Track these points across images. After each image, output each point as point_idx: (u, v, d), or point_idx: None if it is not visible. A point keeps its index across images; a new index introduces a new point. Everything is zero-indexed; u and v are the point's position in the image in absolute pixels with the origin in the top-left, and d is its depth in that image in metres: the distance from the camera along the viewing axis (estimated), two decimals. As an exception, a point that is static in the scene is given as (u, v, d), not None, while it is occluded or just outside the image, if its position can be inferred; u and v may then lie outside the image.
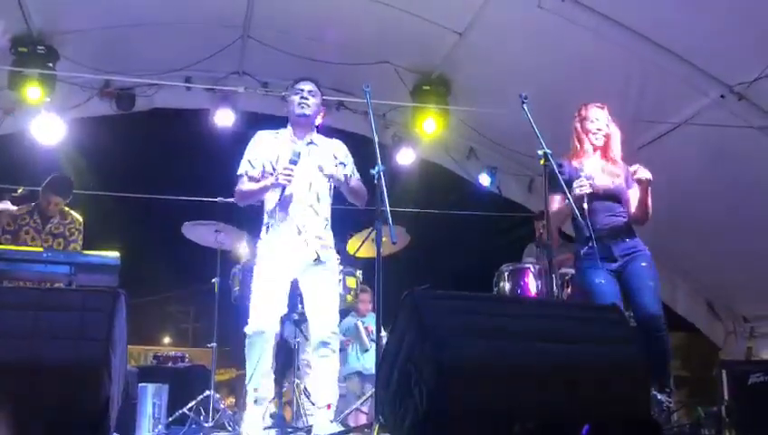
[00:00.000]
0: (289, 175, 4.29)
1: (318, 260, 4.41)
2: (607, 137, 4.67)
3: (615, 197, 4.57)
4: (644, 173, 4.38)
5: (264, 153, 4.54)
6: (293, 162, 4.32)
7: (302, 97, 4.54)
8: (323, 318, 4.40)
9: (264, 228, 4.52)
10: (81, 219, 5.94)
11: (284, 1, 6.77)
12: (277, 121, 4.82)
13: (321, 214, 4.49)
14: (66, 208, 5.91)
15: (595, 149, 4.67)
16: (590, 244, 4.31)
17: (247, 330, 4.35)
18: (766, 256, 7.15)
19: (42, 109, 7.07)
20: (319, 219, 4.48)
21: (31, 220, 5.72)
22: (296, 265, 4.40)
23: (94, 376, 2.64)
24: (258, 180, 4.50)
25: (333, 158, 4.58)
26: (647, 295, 4.38)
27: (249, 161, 4.54)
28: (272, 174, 4.42)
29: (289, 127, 4.65)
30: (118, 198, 8.72)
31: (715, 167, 6.81)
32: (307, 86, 4.58)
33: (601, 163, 4.66)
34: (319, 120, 4.67)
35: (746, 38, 5.72)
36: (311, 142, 4.58)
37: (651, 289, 4.42)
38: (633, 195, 4.62)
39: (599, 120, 4.68)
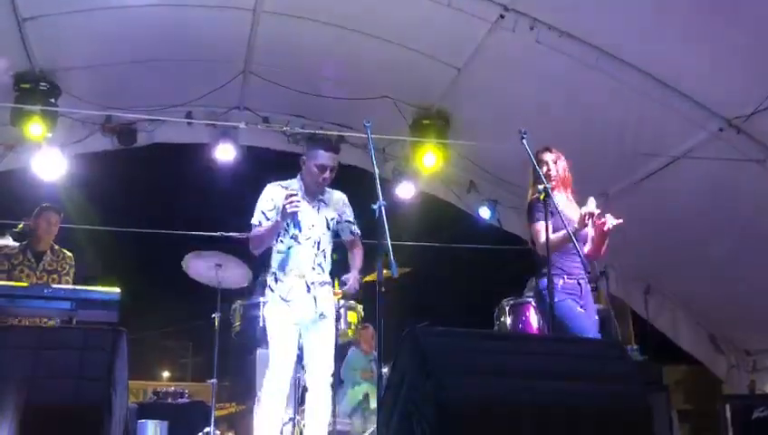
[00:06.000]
0: (293, 202, 4.30)
1: (323, 315, 4.55)
2: (557, 178, 4.66)
3: (584, 238, 4.58)
4: (612, 222, 4.41)
5: (278, 202, 4.50)
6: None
7: (323, 177, 4.55)
8: (325, 368, 4.52)
9: (271, 277, 4.59)
10: (71, 255, 5.99)
11: (285, 36, 6.82)
12: (277, 156, 4.82)
13: (325, 270, 4.63)
14: (57, 246, 5.94)
15: (553, 189, 4.65)
16: (565, 277, 4.40)
17: (266, 386, 4.36)
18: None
19: (43, 144, 7.10)
20: (324, 276, 4.62)
21: (24, 259, 5.75)
22: (305, 320, 4.52)
23: (94, 416, 2.62)
24: None
25: (338, 215, 4.68)
26: None
27: (263, 212, 4.57)
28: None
29: (299, 180, 4.66)
30: (118, 233, 8.74)
31: (715, 200, 6.83)
32: (332, 162, 4.56)
33: (567, 201, 4.67)
34: None
35: (744, 72, 5.78)
36: (320, 201, 4.65)
37: None
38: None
39: (546, 162, 4.68)
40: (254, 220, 4.58)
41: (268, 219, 4.52)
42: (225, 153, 7.95)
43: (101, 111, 7.53)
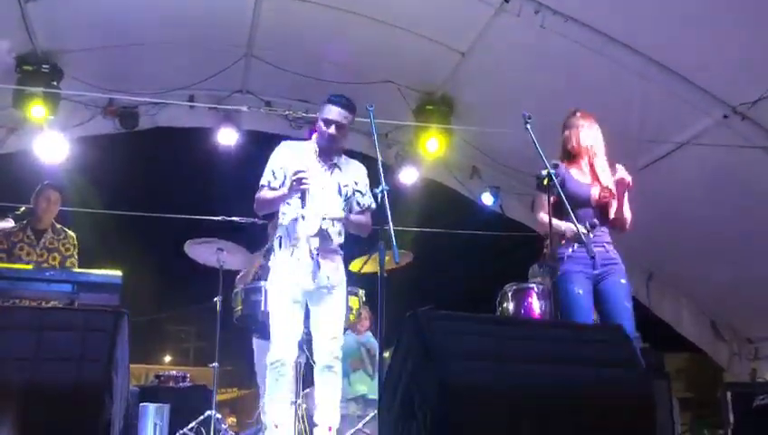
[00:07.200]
0: (302, 179, 4.19)
1: (328, 285, 4.39)
2: (593, 143, 4.63)
3: (603, 204, 4.55)
4: (623, 174, 4.39)
5: (288, 164, 4.42)
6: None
7: (328, 132, 4.40)
8: (329, 344, 4.40)
9: (276, 241, 4.49)
10: (74, 235, 5.96)
11: (288, 20, 6.80)
12: (279, 140, 4.78)
13: (334, 239, 4.44)
14: (59, 225, 5.92)
15: (583, 153, 4.63)
16: (575, 246, 4.33)
17: (269, 358, 4.32)
18: (770, 277, 7.14)
19: (45, 127, 7.09)
20: (332, 244, 4.43)
21: (24, 236, 5.72)
22: (308, 286, 4.37)
23: (96, 398, 2.61)
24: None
25: (354, 184, 4.51)
26: (624, 318, 4.34)
27: (273, 171, 4.45)
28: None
29: (314, 143, 4.54)
30: (120, 216, 8.74)
31: (719, 186, 6.81)
32: (337, 117, 4.39)
33: (588, 167, 4.63)
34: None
35: (749, 58, 5.74)
36: (334, 165, 4.49)
37: (628, 311, 4.41)
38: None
39: (584, 126, 4.64)
40: (263, 180, 4.45)
41: (276, 178, 4.41)
42: (227, 137, 7.95)
43: (103, 94, 7.51)
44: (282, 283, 4.37)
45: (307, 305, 4.47)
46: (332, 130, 4.40)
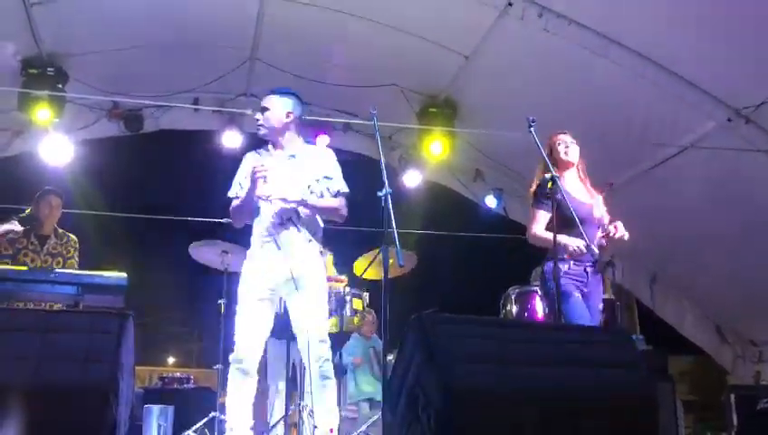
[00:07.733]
0: (259, 170, 4.15)
1: (297, 280, 4.24)
2: (578, 154, 4.67)
3: (599, 223, 4.58)
4: (622, 232, 4.42)
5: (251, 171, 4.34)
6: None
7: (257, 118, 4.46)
8: (317, 349, 4.23)
9: (251, 245, 4.45)
10: (75, 238, 5.97)
11: (292, 23, 6.81)
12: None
13: (301, 229, 4.31)
14: (61, 230, 5.93)
15: (569, 166, 4.66)
16: (571, 263, 4.40)
17: (231, 357, 4.28)
18: (774, 280, 7.14)
19: (50, 130, 7.11)
20: (300, 235, 4.30)
21: (28, 242, 5.73)
22: (277, 282, 4.28)
23: (101, 399, 2.63)
24: None
25: (313, 172, 4.39)
26: None
27: (239, 183, 4.44)
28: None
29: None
30: (124, 218, 8.77)
31: (722, 190, 6.80)
32: (263, 102, 4.47)
33: (580, 185, 4.67)
34: (286, 121, 4.42)
35: (753, 62, 5.74)
36: (291, 156, 4.43)
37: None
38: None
39: (565, 141, 4.69)
40: (231, 193, 4.43)
41: (242, 188, 4.37)
42: (231, 140, 7.96)
43: (108, 97, 7.54)
44: (248, 281, 4.31)
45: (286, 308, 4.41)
46: (258, 114, 4.44)
